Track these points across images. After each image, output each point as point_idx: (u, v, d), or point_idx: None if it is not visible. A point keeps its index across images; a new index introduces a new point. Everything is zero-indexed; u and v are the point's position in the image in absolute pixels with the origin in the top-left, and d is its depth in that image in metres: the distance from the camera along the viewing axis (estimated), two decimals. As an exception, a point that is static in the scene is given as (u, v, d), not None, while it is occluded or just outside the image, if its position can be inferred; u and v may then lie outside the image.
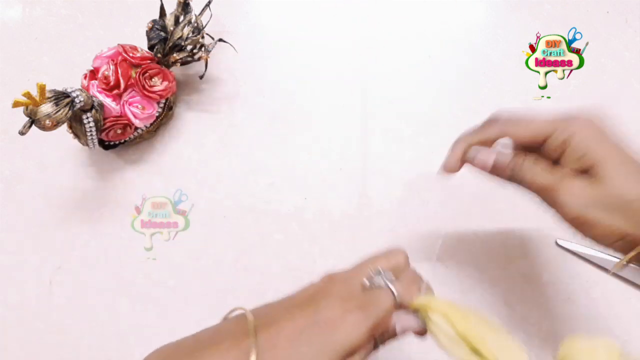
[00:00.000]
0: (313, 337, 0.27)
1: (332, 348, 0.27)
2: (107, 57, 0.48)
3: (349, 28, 0.56)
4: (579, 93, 0.53)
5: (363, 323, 0.28)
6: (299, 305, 0.29)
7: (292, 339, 0.27)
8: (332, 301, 0.28)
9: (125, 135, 0.49)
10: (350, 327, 0.27)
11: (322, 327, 0.27)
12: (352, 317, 0.28)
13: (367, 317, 0.28)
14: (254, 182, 0.52)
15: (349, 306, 0.28)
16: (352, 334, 0.27)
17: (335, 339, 0.27)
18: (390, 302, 0.29)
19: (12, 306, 0.49)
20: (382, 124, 0.53)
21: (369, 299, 0.29)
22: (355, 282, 0.30)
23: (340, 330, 0.27)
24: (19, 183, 0.53)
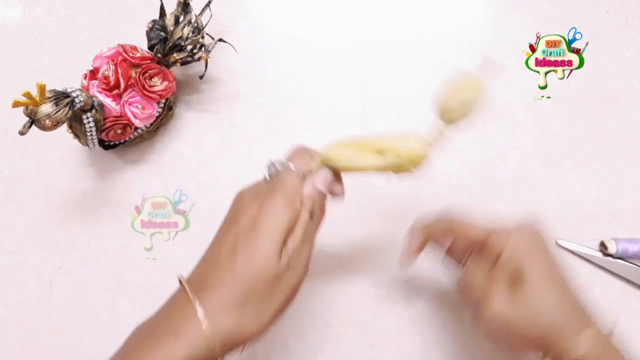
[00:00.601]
0: (246, 246, 0.30)
1: (265, 240, 0.30)
2: (107, 57, 0.48)
3: (349, 28, 0.56)
4: (579, 93, 0.53)
5: (278, 203, 0.32)
6: (225, 232, 0.33)
7: (229, 264, 0.30)
8: (245, 206, 0.33)
9: (125, 135, 0.49)
10: (269, 213, 0.31)
11: (247, 232, 0.31)
12: (266, 204, 0.32)
13: (279, 195, 0.32)
14: (254, 182, 0.52)
15: (259, 200, 0.32)
16: (275, 216, 0.31)
17: (263, 231, 0.31)
18: (292, 174, 0.34)
19: (12, 306, 0.49)
20: (382, 124, 0.53)
21: (273, 183, 0.33)
22: (259, 184, 0.35)
23: (263, 222, 0.31)
24: (19, 183, 0.53)
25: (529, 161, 0.51)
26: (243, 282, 0.30)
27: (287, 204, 0.32)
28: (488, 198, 0.50)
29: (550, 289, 0.32)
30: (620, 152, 0.51)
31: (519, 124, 0.52)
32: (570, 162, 0.51)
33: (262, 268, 0.30)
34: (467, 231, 0.36)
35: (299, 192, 0.33)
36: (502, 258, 0.33)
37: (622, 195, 0.49)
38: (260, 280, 0.30)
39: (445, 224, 0.38)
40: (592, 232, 0.48)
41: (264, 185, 0.35)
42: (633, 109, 0.52)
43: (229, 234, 0.32)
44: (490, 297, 0.33)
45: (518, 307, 0.32)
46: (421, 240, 0.39)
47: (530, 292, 0.32)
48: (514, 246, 0.33)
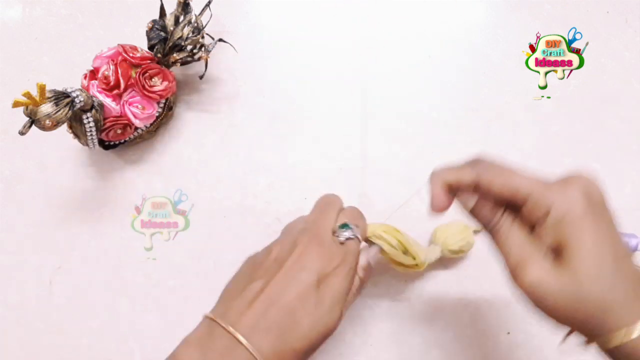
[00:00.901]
0: (315, 309, 0.31)
1: (334, 306, 0.32)
2: (107, 57, 0.48)
3: (349, 28, 0.56)
4: (579, 93, 0.53)
5: (346, 273, 0.33)
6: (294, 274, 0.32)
7: (292, 322, 0.30)
8: (318, 264, 0.32)
9: (125, 135, 0.49)
10: (339, 281, 0.33)
11: (319, 285, 0.32)
12: (339, 270, 0.33)
13: (347, 265, 0.34)
14: (254, 182, 0.52)
15: (332, 265, 0.33)
16: (343, 284, 0.33)
17: (333, 299, 0.32)
18: (357, 244, 0.36)
19: (12, 306, 0.49)
20: (382, 124, 0.53)
21: (345, 250, 0.34)
22: (331, 241, 0.34)
23: (333, 289, 0.32)
24: (19, 183, 0.53)
25: (529, 161, 0.51)
26: (309, 341, 0.31)
27: (352, 272, 0.34)
28: (488, 198, 0.50)
29: (605, 263, 0.27)
30: (620, 152, 0.51)
31: (519, 124, 0.52)
32: (570, 162, 0.51)
33: (327, 334, 0.32)
34: (504, 181, 0.29)
35: (358, 262, 0.36)
36: (548, 220, 0.28)
37: (622, 195, 0.49)
38: (320, 339, 0.32)
39: (477, 171, 0.30)
40: (592, 232, 0.48)
41: (336, 247, 0.34)
42: (633, 109, 0.52)
43: (297, 284, 0.31)
44: (530, 262, 0.28)
45: (564, 278, 0.27)
46: (443, 194, 0.31)
47: (581, 263, 0.26)
48: (565, 207, 0.27)
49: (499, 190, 0.29)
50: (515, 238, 0.29)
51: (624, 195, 0.49)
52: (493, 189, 0.30)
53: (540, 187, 0.28)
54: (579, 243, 0.27)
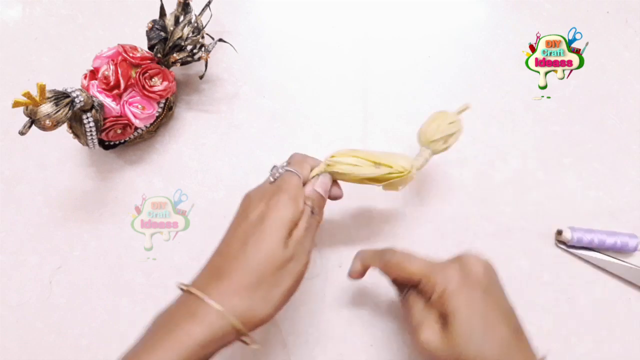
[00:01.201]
0: (255, 237, 0.34)
1: (273, 232, 0.34)
2: (107, 57, 0.48)
3: (349, 28, 0.57)
4: (579, 93, 0.53)
5: (283, 200, 0.36)
6: (235, 228, 0.37)
7: (240, 254, 0.34)
8: (253, 204, 0.37)
9: (125, 135, 0.49)
10: (275, 209, 0.35)
11: (256, 225, 0.35)
12: (273, 201, 0.36)
13: (284, 194, 0.36)
14: (254, 182, 0.52)
15: (266, 199, 0.36)
16: (281, 211, 0.35)
17: (271, 223, 0.35)
18: (294, 176, 0.38)
19: (12, 306, 0.49)
20: (382, 124, 0.53)
21: (277, 184, 0.38)
22: (264, 185, 0.39)
23: (270, 216, 0.35)
24: (19, 183, 0.53)
25: (529, 161, 0.51)
26: (253, 268, 0.33)
27: (291, 200, 0.36)
28: (488, 198, 0.50)
29: (476, 328, 0.33)
30: (620, 152, 0.51)
31: (519, 124, 0.52)
32: (570, 162, 0.51)
33: (269, 256, 0.34)
34: (403, 269, 0.37)
35: (301, 191, 0.38)
36: (432, 297, 0.35)
37: (622, 195, 0.49)
38: (268, 267, 0.33)
39: (381, 260, 0.39)
40: (592, 232, 0.48)
41: (269, 186, 0.38)
42: (633, 109, 0.52)
43: (239, 229, 0.36)
44: (425, 325, 0.35)
45: (446, 339, 0.33)
46: (360, 269, 0.40)
47: (456, 328, 0.33)
48: (443, 284, 0.35)
49: (398, 276, 0.38)
50: (417, 307, 0.36)
51: (624, 195, 0.49)
52: (394, 276, 0.38)
53: (428, 270, 0.36)
54: (456, 311, 0.33)
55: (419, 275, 0.36)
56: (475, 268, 0.35)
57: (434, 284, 0.35)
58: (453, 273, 0.35)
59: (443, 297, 0.34)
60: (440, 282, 0.35)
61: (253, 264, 0.33)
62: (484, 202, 0.50)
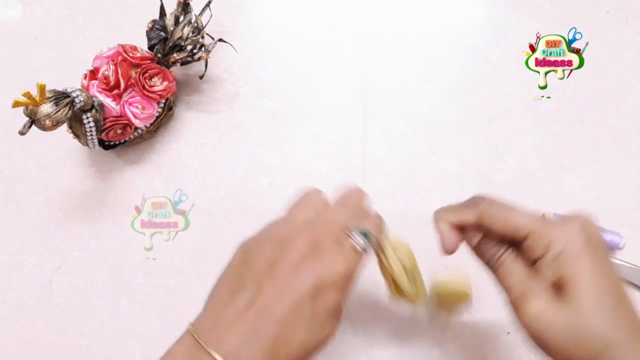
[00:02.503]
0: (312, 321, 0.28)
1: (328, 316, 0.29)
2: (107, 57, 0.48)
3: (349, 28, 0.57)
4: (579, 93, 0.53)
5: (346, 285, 0.29)
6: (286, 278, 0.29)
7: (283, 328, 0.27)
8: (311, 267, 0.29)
9: (125, 135, 0.49)
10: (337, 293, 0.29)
11: (314, 298, 0.28)
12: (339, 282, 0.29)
13: (349, 277, 0.30)
14: (254, 182, 0.52)
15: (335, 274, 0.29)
16: (340, 297, 0.29)
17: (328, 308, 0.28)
18: (364, 259, 0.31)
19: (12, 306, 0.49)
20: (382, 124, 0.53)
21: (352, 261, 0.30)
22: (335, 240, 0.31)
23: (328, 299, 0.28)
24: (19, 183, 0.53)
25: (529, 161, 0.51)
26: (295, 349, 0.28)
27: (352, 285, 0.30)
28: (488, 198, 0.50)
29: (605, 300, 0.27)
30: (620, 152, 0.51)
31: (519, 124, 0.52)
32: (570, 162, 0.51)
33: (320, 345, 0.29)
34: (506, 220, 0.30)
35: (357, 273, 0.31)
36: (548, 255, 0.28)
37: (622, 195, 0.49)
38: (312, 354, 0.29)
39: (475, 212, 0.31)
40: (592, 232, 0.48)
41: (331, 243, 0.30)
42: (633, 109, 0.52)
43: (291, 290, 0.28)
44: (532, 295, 0.28)
45: (564, 314, 0.27)
46: (451, 234, 0.33)
47: (581, 296, 0.26)
48: (563, 243, 0.28)
49: (500, 228, 0.30)
50: (517, 273, 0.30)
51: (624, 195, 0.49)
52: (495, 227, 0.31)
53: (540, 224, 0.29)
54: (579, 277, 0.27)
55: (528, 229, 0.29)
56: (596, 231, 0.29)
57: (548, 242, 0.28)
58: (573, 231, 0.28)
59: (561, 258, 0.27)
60: (558, 240, 0.28)
61: (303, 353, 0.28)
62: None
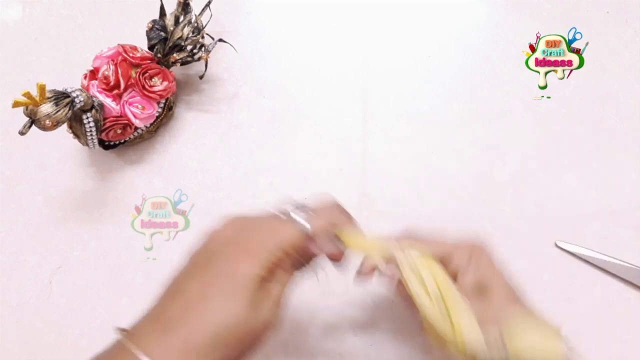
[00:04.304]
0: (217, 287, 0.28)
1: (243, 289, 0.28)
2: (107, 57, 0.48)
3: (349, 28, 0.57)
4: (579, 93, 0.53)
5: (256, 263, 0.29)
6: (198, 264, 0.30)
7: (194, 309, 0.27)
8: (230, 244, 0.30)
9: (125, 135, 0.49)
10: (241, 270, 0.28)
11: (225, 275, 0.28)
12: (253, 248, 0.29)
13: (266, 246, 0.29)
14: (254, 182, 0.52)
15: (247, 239, 0.30)
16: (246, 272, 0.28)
17: (242, 279, 0.28)
18: (293, 231, 0.31)
19: (12, 306, 0.49)
20: (382, 124, 0.53)
21: (270, 226, 0.31)
22: (259, 218, 0.32)
23: (240, 270, 0.28)
24: (19, 183, 0.53)
25: (529, 161, 0.51)
26: (211, 332, 0.27)
27: (274, 255, 0.30)
28: (488, 198, 0.50)
29: (512, 296, 0.34)
30: (620, 152, 0.51)
31: (519, 124, 0.52)
32: (570, 162, 0.51)
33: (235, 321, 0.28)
34: (431, 247, 0.35)
35: (290, 244, 0.31)
36: (469, 271, 0.33)
37: (622, 195, 0.49)
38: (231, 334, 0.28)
39: (408, 242, 0.35)
40: (592, 232, 0.48)
41: (257, 218, 0.32)
42: (633, 109, 0.52)
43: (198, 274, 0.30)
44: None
45: (488, 313, 0.32)
46: (373, 263, 0.35)
47: (498, 301, 0.33)
48: (479, 260, 0.34)
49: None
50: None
51: (624, 195, 0.49)
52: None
53: (456, 250, 0.35)
54: (494, 283, 0.34)
55: (452, 250, 0.35)
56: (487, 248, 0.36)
57: (467, 257, 0.34)
58: (483, 249, 0.36)
59: (481, 268, 0.34)
60: (477, 255, 0.35)
61: (212, 327, 0.27)
62: (484, 202, 0.50)
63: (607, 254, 0.47)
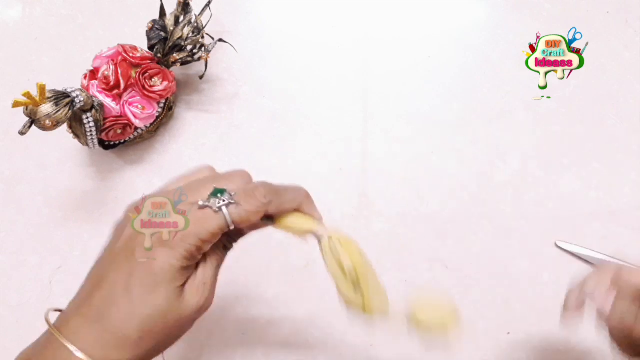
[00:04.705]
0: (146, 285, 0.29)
1: (157, 279, 0.29)
2: (107, 57, 0.48)
3: (349, 28, 0.57)
4: (579, 93, 0.53)
5: (172, 254, 0.30)
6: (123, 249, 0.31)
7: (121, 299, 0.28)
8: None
9: (125, 135, 0.49)
10: (165, 253, 0.30)
11: (141, 271, 0.30)
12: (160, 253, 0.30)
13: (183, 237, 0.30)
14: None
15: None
16: (169, 258, 0.30)
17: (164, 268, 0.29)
18: (216, 224, 0.31)
19: (12, 306, 0.49)
20: (382, 124, 0.53)
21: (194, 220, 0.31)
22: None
23: (154, 266, 0.30)
24: (19, 183, 0.53)
25: (529, 161, 0.51)
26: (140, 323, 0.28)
27: (187, 245, 0.31)
28: (488, 198, 0.50)
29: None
30: (620, 152, 0.51)
31: (519, 124, 0.52)
32: (570, 162, 0.51)
33: (161, 312, 0.29)
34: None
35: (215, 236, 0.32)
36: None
37: (622, 195, 0.49)
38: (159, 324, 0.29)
39: (609, 274, 0.33)
40: (592, 232, 0.48)
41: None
42: (633, 109, 0.52)
43: (124, 263, 0.31)
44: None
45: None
46: (581, 298, 0.35)
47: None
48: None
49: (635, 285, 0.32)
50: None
51: (624, 195, 0.49)
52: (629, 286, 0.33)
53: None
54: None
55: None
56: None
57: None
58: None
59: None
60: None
61: (139, 321, 0.28)
62: (484, 202, 0.50)
63: (607, 254, 0.47)
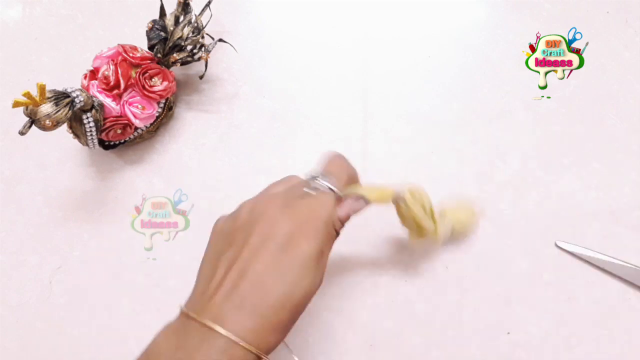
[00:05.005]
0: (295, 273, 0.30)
1: (311, 266, 0.31)
2: (107, 57, 0.48)
3: (349, 28, 0.57)
4: (579, 93, 0.53)
5: (320, 229, 0.32)
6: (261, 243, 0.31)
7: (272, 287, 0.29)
8: (282, 222, 0.31)
9: (125, 135, 0.49)
10: (313, 239, 0.31)
11: (289, 251, 0.30)
12: (308, 228, 0.31)
13: (319, 221, 0.32)
14: (254, 182, 0.52)
15: (297, 218, 0.31)
16: (311, 244, 0.31)
17: (307, 256, 0.30)
18: (331, 198, 0.34)
19: (12, 306, 0.49)
20: (382, 124, 0.53)
21: (312, 206, 0.33)
22: (291, 195, 0.34)
23: (304, 247, 0.31)
24: (19, 183, 0.53)
25: (529, 161, 0.51)
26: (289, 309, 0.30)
27: (326, 229, 0.32)
28: (488, 198, 0.50)
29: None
30: (620, 152, 0.51)
31: (519, 124, 0.52)
32: (570, 162, 0.51)
33: (306, 295, 0.31)
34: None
35: (335, 215, 0.33)
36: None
37: (622, 195, 0.49)
38: (302, 307, 0.31)
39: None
40: (592, 232, 0.48)
41: (300, 201, 0.33)
42: (633, 109, 0.52)
43: (265, 251, 0.31)
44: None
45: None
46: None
47: None
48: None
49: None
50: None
51: (624, 195, 0.49)
52: None
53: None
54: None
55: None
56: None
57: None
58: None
59: None
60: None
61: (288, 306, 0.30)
62: (484, 202, 0.50)
63: (607, 254, 0.47)
